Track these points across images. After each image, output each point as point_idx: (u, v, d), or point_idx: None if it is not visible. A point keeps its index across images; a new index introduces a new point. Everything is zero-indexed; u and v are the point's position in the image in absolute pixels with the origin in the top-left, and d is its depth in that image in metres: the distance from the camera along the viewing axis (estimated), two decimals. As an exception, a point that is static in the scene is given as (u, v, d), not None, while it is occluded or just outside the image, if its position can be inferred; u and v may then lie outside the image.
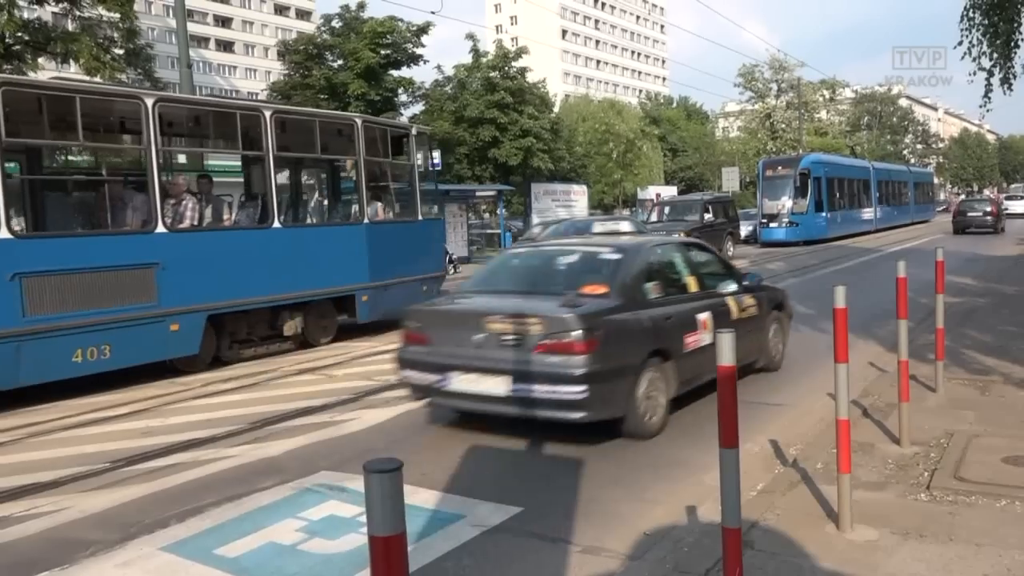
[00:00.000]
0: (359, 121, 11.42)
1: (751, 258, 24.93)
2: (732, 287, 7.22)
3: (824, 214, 31.73)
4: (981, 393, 6.55)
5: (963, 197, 58.32)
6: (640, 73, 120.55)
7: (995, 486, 4.37)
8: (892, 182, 42.50)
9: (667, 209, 25.89)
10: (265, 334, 10.33)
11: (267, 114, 9.96)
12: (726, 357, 2.88)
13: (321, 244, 10.85)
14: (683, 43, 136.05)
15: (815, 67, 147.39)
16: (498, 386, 5.53)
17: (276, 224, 10.03)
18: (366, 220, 11.36)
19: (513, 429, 6.17)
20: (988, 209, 34.04)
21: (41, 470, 5.68)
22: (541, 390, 5.38)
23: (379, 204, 12.14)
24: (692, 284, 6.84)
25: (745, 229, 32.87)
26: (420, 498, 4.64)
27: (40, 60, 23.14)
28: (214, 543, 4.19)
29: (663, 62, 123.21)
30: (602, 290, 5.92)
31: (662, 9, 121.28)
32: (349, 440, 6.20)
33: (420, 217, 12.68)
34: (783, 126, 64.43)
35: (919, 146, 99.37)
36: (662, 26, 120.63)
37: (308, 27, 72.58)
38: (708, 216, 24.01)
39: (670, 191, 49.92)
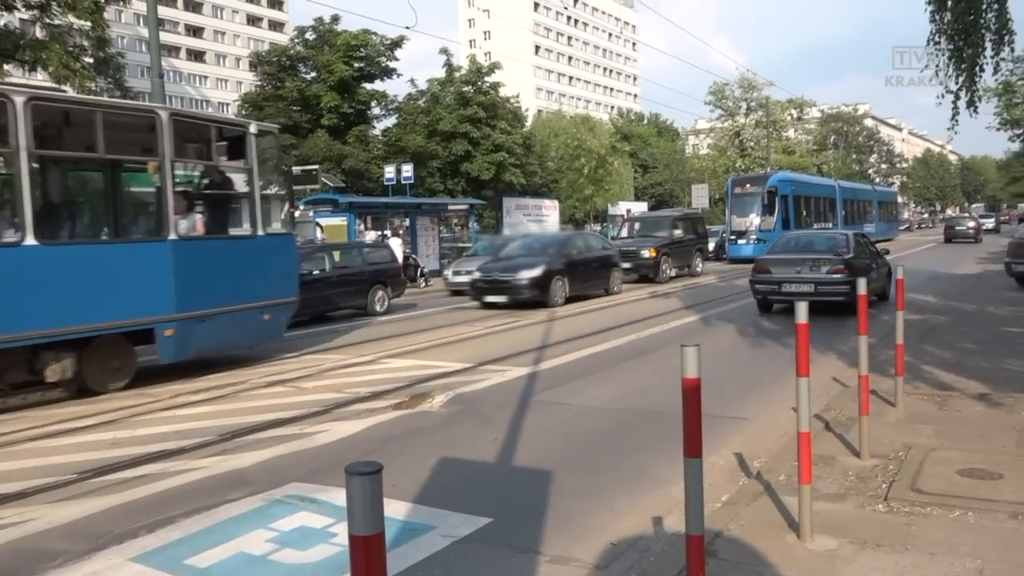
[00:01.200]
0: (164, 115, 9.19)
1: (720, 274, 25.27)
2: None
3: (791, 231, 32.31)
4: (939, 408, 6.74)
5: (951, 215, 75.35)
6: (612, 90, 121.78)
7: (950, 497, 4.52)
8: (857, 200, 43.37)
9: (637, 225, 25.73)
10: (20, 380, 8.36)
11: (18, 101, 7.76)
12: (690, 370, 2.97)
13: (103, 265, 8.67)
14: (654, 61, 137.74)
15: (783, 87, 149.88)
16: (808, 287, 12.89)
17: (30, 241, 7.84)
18: (173, 236, 9.20)
19: (484, 441, 6.25)
20: (971, 224, 45.31)
21: (7, 481, 5.63)
22: (828, 289, 12.87)
23: (198, 217, 10.01)
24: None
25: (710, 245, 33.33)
26: (391, 509, 4.68)
27: (7, 67, 22.88)
28: (184, 553, 4.20)
29: (635, 79, 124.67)
30: (845, 249, 13.76)
31: (634, 27, 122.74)
32: (319, 452, 6.22)
33: (261, 232, 10.52)
34: (752, 144, 65.39)
35: (884, 165, 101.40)
36: (634, 44, 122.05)
37: (281, 38, 72.44)
38: (677, 232, 23.92)
39: (640, 207, 50.46)
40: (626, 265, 21.43)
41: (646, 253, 22.19)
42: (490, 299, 16.37)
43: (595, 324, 13.59)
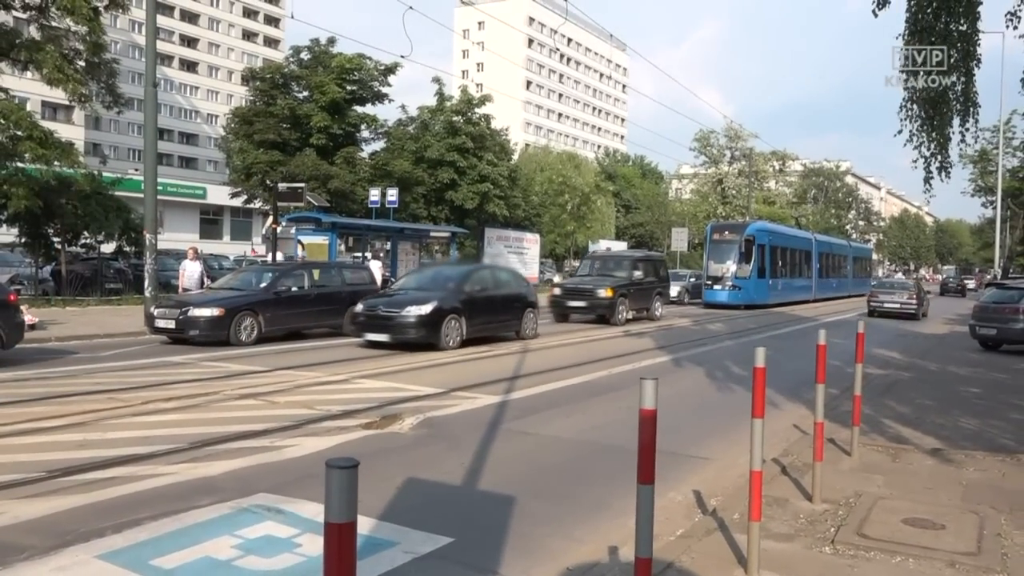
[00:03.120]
0: None
1: (692, 317, 25.61)
2: None
3: (766, 280, 32.92)
4: (892, 460, 6.97)
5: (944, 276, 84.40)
6: (599, 129, 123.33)
7: (893, 543, 4.72)
8: (833, 255, 44.15)
9: (597, 263, 24.60)
10: None
11: None
12: (648, 402, 3.16)
13: None
14: (642, 104, 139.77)
15: (766, 139, 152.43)
16: (897, 305, 28.61)
17: None
18: None
19: (451, 464, 6.38)
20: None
21: (-25, 475, 5.67)
22: (901, 306, 29.05)
23: None
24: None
25: (675, 289, 33.60)
26: (355, 524, 4.78)
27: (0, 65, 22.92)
28: (150, 554, 4.29)
29: (622, 120, 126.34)
30: (914, 290, 29.81)
31: (624, 70, 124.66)
32: (288, 465, 6.31)
33: None
34: (734, 192, 66.54)
35: (861, 222, 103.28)
36: (623, 86, 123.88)
37: (275, 55, 72.94)
38: (638, 273, 22.86)
39: (621, 246, 50.92)
40: (580, 304, 21.26)
41: (602, 293, 21.19)
42: (371, 337, 14.30)
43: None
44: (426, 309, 14.15)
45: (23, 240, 24.23)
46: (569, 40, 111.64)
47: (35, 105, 53.18)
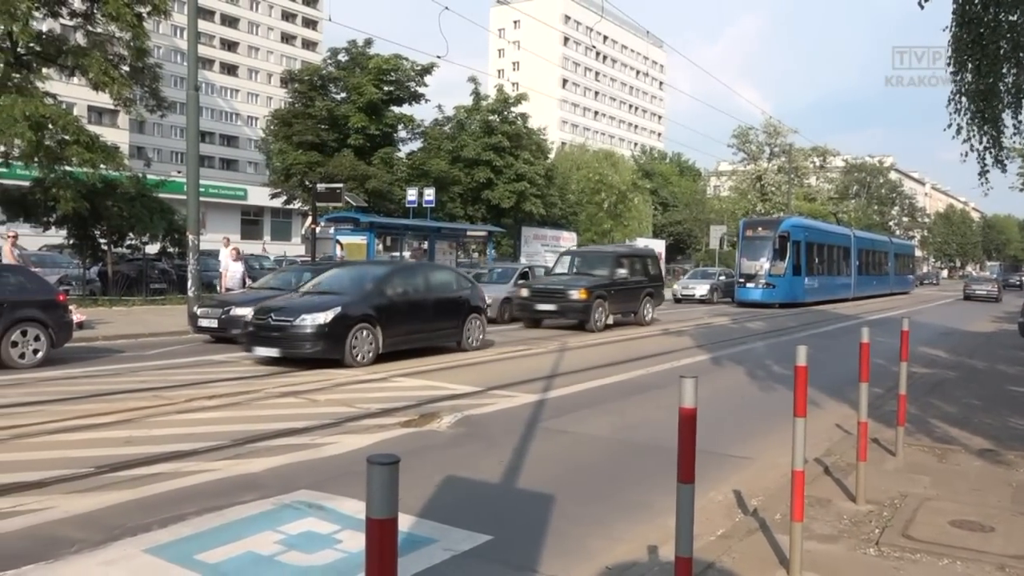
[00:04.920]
0: None
1: (732, 316, 25.34)
2: None
3: (802, 278, 32.02)
4: (939, 460, 6.82)
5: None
6: (636, 127, 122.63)
7: (940, 546, 4.62)
8: (873, 251, 43.12)
9: (577, 260, 21.93)
10: None
11: None
12: (687, 400, 3.13)
13: None
14: (680, 101, 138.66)
15: (806, 135, 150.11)
16: (984, 291, 42.94)
17: None
18: None
19: (489, 462, 6.40)
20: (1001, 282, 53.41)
21: (26, 470, 5.83)
22: (988, 292, 42.39)
23: None
24: None
25: (704, 288, 33.27)
26: (395, 521, 4.82)
27: (46, 71, 23.49)
28: (195, 549, 4.37)
29: (659, 118, 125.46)
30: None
31: (661, 67, 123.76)
32: (328, 462, 6.38)
33: None
34: (773, 189, 65.64)
35: (905, 218, 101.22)
36: (660, 83, 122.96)
37: (313, 58, 73.71)
38: (621, 272, 20.15)
39: (658, 244, 50.58)
40: (550, 307, 18.76)
41: (575, 294, 18.51)
42: (261, 351, 11.89)
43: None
44: (325, 317, 11.53)
45: (71, 242, 24.92)
46: (605, 38, 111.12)
47: (81, 110, 54.52)
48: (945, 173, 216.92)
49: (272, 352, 11.73)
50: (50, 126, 20.37)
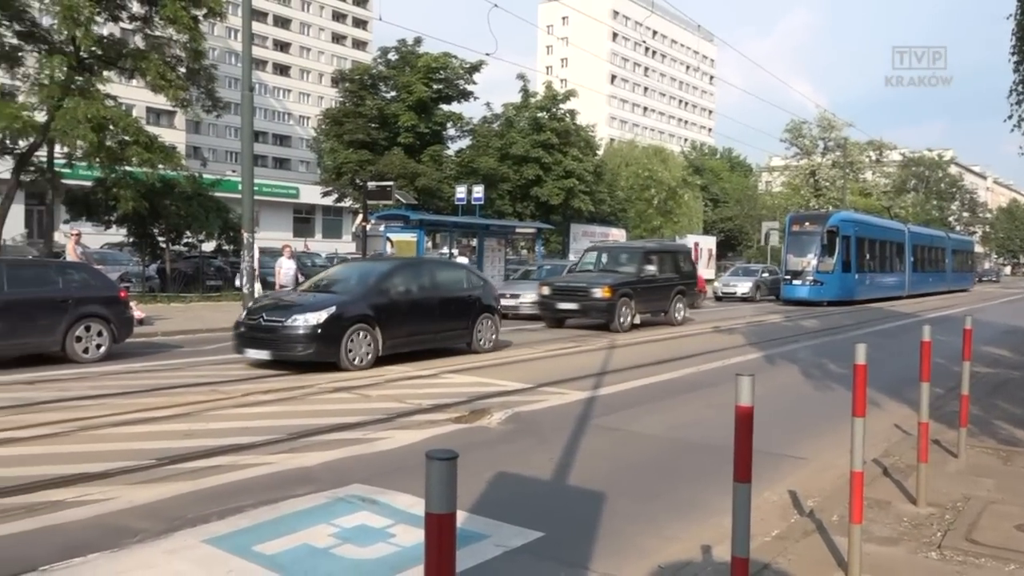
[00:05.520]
0: None
1: (784, 313, 24.91)
2: None
3: (851, 274, 30.85)
4: (1003, 463, 6.61)
5: None
6: (686, 122, 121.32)
7: (1005, 551, 4.48)
8: (928, 247, 41.36)
9: (604, 256, 20.78)
10: None
11: None
12: (744, 398, 3.09)
13: None
14: (730, 95, 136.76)
15: (861, 128, 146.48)
16: None
17: None
18: None
19: (540, 459, 6.40)
20: None
21: (91, 461, 6.02)
22: None
23: None
24: None
25: (746, 285, 32.49)
26: (447, 516, 4.85)
27: (107, 74, 24.16)
28: (252, 540, 4.46)
29: (710, 113, 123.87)
30: None
31: (712, 61, 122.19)
32: (381, 457, 6.46)
33: None
34: (827, 184, 64.32)
35: (966, 214, 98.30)
36: (711, 77, 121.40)
37: (364, 57, 74.55)
38: (650, 268, 19.12)
39: (709, 241, 49.98)
40: (571, 306, 17.94)
41: (598, 293, 17.56)
42: (252, 354, 11.23)
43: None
44: (318, 318, 10.84)
45: (131, 240, 25.68)
46: (654, 33, 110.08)
47: (140, 111, 55.89)
48: (1009, 166, 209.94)
49: (262, 355, 11.06)
50: (111, 127, 20.97)
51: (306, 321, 10.81)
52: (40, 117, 20.60)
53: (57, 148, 22.47)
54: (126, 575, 4.03)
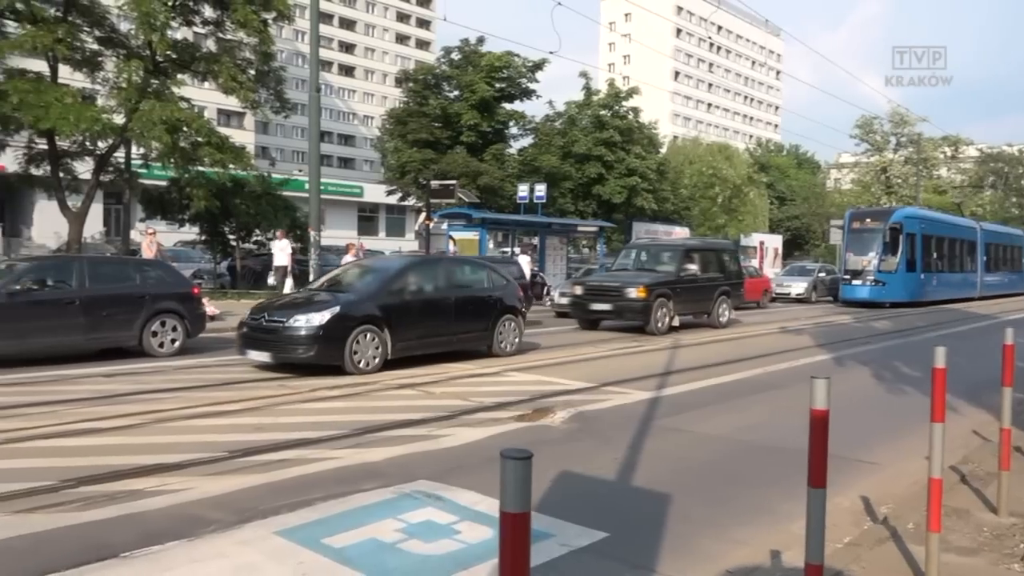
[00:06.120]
0: None
1: (853, 314, 24.25)
2: None
3: (916, 274, 29.01)
4: (1091, 472, 6.31)
5: None
6: (752, 119, 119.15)
7: (1095, 564, 4.28)
8: (1004, 246, 39.13)
9: (643, 255, 19.72)
10: None
11: None
12: (819, 402, 3.02)
13: None
14: (798, 91, 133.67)
15: (937, 123, 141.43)
16: None
17: None
18: None
19: (604, 459, 6.37)
20: None
21: (167, 452, 6.22)
22: None
23: None
24: None
25: (802, 285, 31.24)
26: (511, 514, 4.86)
27: (180, 77, 24.93)
28: (321, 533, 4.54)
29: (776, 109, 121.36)
30: None
31: (778, 56, 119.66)
32: (445, 454, 6.51)
33: None
34: (899, 181, 62.38)
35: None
36: (777, 72, 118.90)
37: (427, 57, 75.24)
38: (691, 267, 18.10)
39: (775, 240, 49.00)
40: (605, 307, 16.98)
41: (633, 293, 16.57)
42: (254, 356, 10.69)
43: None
44: (321, 318, 10.27)
45: (203, 237, 26.48)
46: (719, 28, 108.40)
47: (211, 113, 57.48)
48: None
49: (263, 357, 10.53)
50: (184, 129, 21.62)
51: (308, 321, 10.24)
52: (118, 119, 21.36)
53: (134, 149, 23.30)
54: (201, 564, 4.15)
